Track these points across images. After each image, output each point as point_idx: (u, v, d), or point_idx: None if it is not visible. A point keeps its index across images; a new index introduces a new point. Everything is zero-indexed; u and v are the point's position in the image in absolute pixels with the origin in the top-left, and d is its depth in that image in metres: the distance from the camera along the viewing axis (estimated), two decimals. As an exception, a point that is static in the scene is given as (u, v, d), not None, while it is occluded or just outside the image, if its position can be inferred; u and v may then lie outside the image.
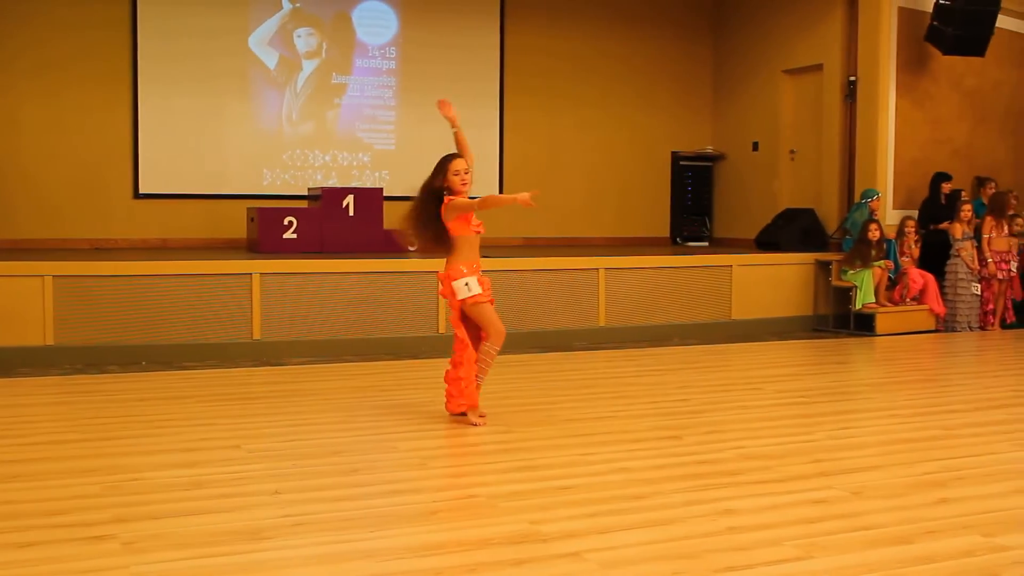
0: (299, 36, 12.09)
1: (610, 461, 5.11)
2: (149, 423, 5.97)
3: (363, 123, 12.36)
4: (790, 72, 12.88)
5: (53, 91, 10.98)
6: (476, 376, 5.97)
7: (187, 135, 11.52)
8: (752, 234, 12.57)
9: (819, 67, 12.32)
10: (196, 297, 8.67)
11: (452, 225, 5.91)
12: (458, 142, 6.14)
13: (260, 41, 11.87)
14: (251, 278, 8.82)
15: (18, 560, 3.59)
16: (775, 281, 11.05)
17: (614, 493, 4.51)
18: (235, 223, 11.18)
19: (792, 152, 12.95)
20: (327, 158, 12.21)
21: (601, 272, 10.07)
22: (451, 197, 5.87)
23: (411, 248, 6.12)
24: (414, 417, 6.06)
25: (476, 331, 6.01)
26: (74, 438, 5.60)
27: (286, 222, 10.15)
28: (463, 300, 5.91)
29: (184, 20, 11.45)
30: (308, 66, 12.13)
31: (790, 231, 11.89)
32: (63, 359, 8.21)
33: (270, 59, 11.93)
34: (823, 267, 11.19)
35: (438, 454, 5.33)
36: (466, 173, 5.91)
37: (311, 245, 10.12)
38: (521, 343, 9.51)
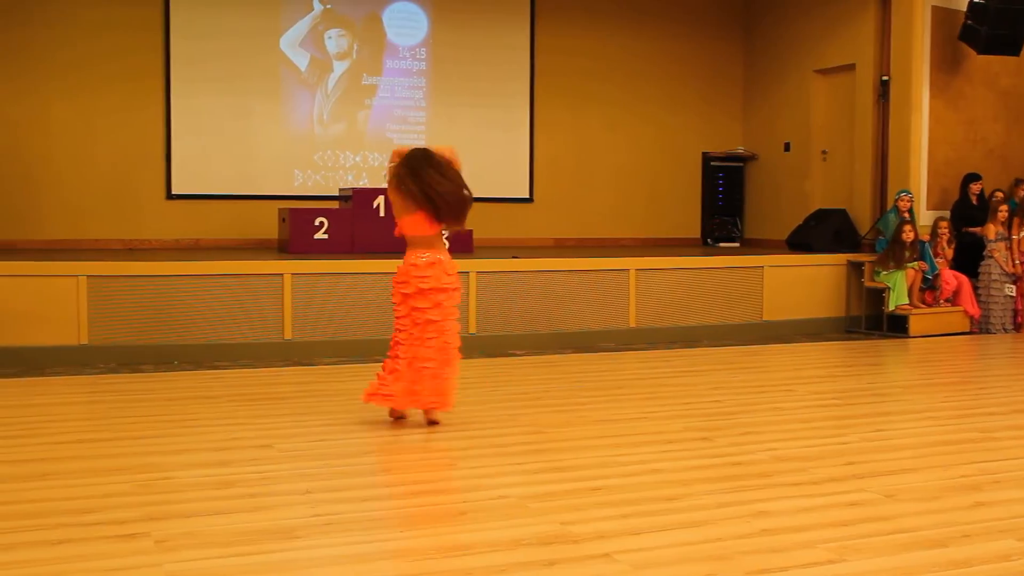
0: (330, 37, 12.12)
1: (642, 462, 5.09)
2: (180, 422, 6.00)
3: (394, 124, 12.38)
4: (822, 72, 12.79)
5: (85, 92, 11.07)
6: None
7: (219, 136, 11.58)
8: (784, 235, 12.49)
9: (851, 67, 12.22)
10: (228, 297, 8.70)
11: None
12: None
13: (291, 42, 11.92)
14: (282, 278, 8.85)
15: (51, 558, 3.61)
16: (807, 282, 10.97)
17: (646, 494, 4.49)
18: (266, 224, 11.22)
19: (824, 152, 12.86)
20: (358, 159, 12.24)
21: (632, 273, 10.03)
22: None
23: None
24: (444, 417, 6.05)
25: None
26: (106, 437, 5.63)
27: (317, 223, 10.18)
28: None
29: (216, 21, 11.51)
30: (339, 67, 12.17)
31: (822, 232, 11.80)
32: (96, 358, 8.27)
33: (301, 60, 11.98)
34: (855, 268, 11.10)
35: (468, 454, 5.32)
36: None
37: (342, 246, 10.15)
38: (551, 344, 9.50)
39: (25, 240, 10.72)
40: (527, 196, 12.91)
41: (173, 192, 11.44)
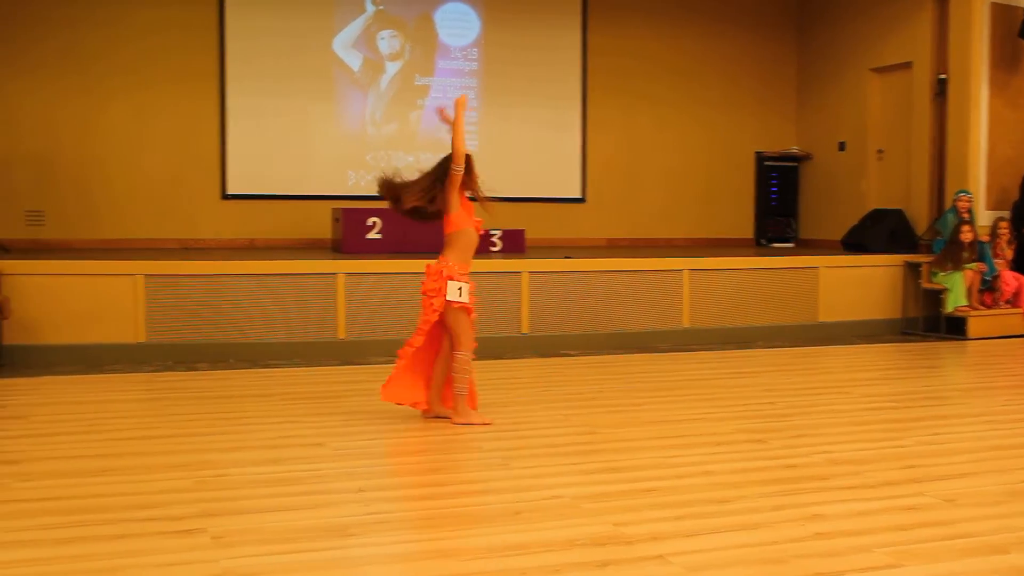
0: (382, 38, 12.19)
1: (695, 464, 5.05)
2: (235, 420, 6.05)
3: (445, 124, 12.38)
4: (878, 70, 12.65)
5: (140, 92, 11.22)
6: (458, 388, 5.91)
7: (273, 136, 11.69)
8: (839, 235, 12.38)
9: (908, 65, 12.08)
10: (282, 296, 8.78)
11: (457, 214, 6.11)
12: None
13: (344, 43, 12.00)
14: (336, 278, 8.91)
15: (109, 552, 3.65)
16: (863, 283, 10.84)
17: (699, 496, 4.46)
18: (320, 224, 11.31)
19: (880, 152, 12.72)
20: (410, 159, 12.24)
21: (685, 273, 9.98)
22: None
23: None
24: (496, 417, 6.05)
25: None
26: (163, 434, 5.70)
27: (370, 222, 10.24)
28: (449, 302, 5.94)
29: (270, 22, 11.62)
30: (391, 68, 12.23)
31: (878, 232, 11.67)
32: (154, 356, 8.38)
33: (354, 61, 12.05)
34: (912, 269, 10.95)
35: (521, 454, 5.31)
36: None
37: (395, 245, 10.19)
38: (604, 344, 9.48)
39: (82, 240, 10.89)
40: (579, 196, 12.89)
41: (228, 192, 11.56)
